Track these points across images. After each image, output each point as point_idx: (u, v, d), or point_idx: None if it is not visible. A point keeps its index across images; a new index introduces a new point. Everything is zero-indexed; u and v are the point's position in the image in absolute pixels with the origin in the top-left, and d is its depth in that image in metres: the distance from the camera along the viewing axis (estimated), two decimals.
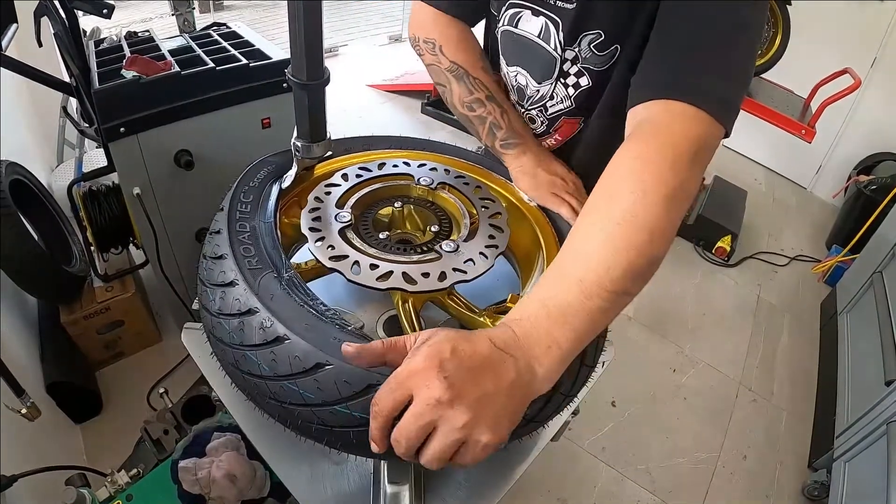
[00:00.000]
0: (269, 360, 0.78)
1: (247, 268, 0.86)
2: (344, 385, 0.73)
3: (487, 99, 1.29)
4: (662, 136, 0.86)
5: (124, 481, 1.54)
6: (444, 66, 1.30)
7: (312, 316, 0.80)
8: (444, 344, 0.67)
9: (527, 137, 1.31)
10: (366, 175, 1.17)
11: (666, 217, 0.79)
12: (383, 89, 5.68)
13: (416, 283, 0.89)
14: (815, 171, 5.03)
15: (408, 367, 0.67)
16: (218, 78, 2.11)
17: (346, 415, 0.74)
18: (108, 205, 2.37)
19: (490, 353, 0.69)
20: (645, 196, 0.79)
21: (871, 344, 2.67)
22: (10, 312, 2.26)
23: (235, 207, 1.00)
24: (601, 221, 0.80)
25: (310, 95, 0.95)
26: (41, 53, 2.37)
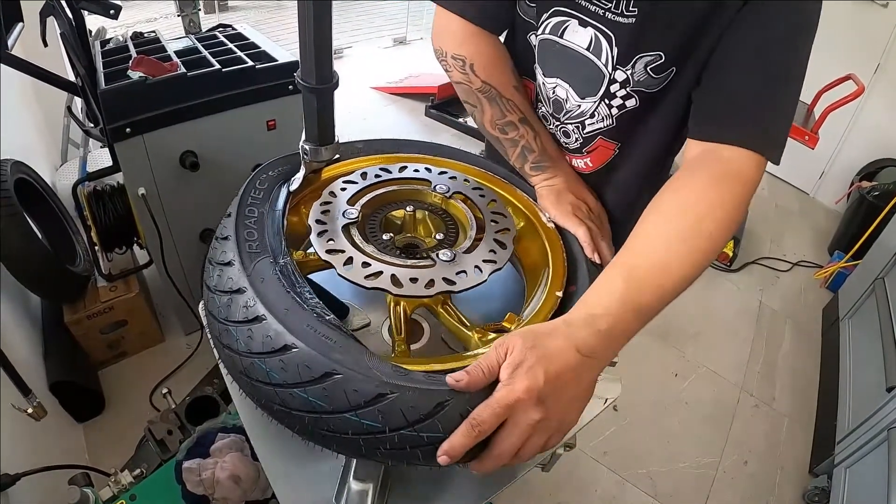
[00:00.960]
0: (246, 338, 0.81)
1: (245, 251, 0.90)
2: (304, 369, 0.75)
3: (520, 122, 1.25)
4: (746, 184, 0.95)
5: (128, 481, 1.54)
6: (476, 86, 1.23)
7: (294, 302, 0.82)
8: (538, 371, 0.73)
9: (559, 161, 1.27)
10: (385, 176, 1.17)
11: (721, 247, 0.92)
12: (387, 92, 5.70)
13: (402, 287, 0.90)
14: (817, 176, 5.02)
15: (511, 396, 0.72)
16: (224, 79, 2.12)
17: (304, 399, 0.76)
18: (112, 205, 2.38)
19: (576, 364, 0.76)
20: (722, 229, 0.90)
21: (872, 350, 2.67)
22: (13, 311, 2.26)
23: (249, 193, 1.03)
24: (686, 239, 0.89)
25: (319, 99, 0.95)
26: (46, 53, 2.37)
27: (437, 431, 0.73)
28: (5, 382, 1.65)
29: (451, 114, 5.19)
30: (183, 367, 2.69)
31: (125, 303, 2.54)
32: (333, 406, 0.75)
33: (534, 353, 0.74)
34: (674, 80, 1.08)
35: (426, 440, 0.74)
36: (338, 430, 0.76)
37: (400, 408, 0.73)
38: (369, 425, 0.74)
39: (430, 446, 0.74)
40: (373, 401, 0.73)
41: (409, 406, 0.73)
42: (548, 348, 0.75)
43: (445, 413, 0.73)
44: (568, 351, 0.76)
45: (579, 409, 0.79)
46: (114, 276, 2.55)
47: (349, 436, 0.76)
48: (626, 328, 0.83)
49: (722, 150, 0.98)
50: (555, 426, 0.76)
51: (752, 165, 0.96)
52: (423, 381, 0.75)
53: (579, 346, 0.77)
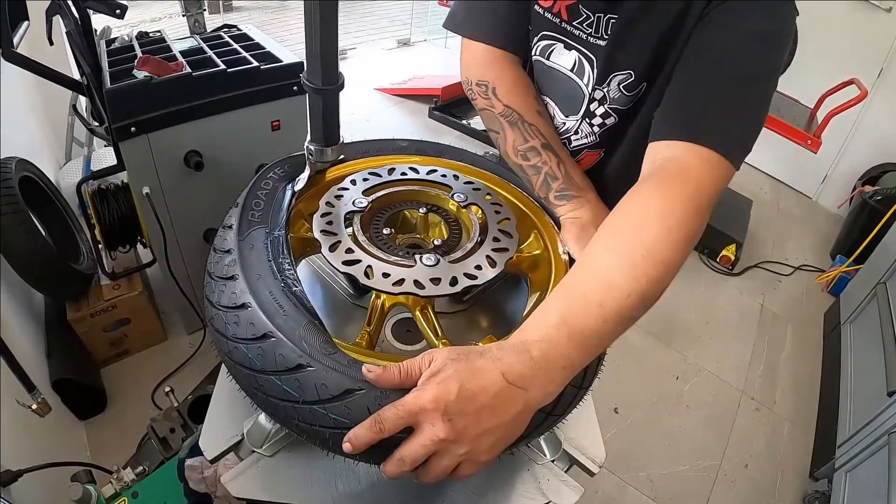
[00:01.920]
0: (219, 292, 0.89)
1: (247, 218, 0.98)
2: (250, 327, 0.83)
3: (543, 147, 1.19)
4: (692, 182, 0.89)
5: (130, 479, 1.55)
6: (498, 110, 1.21)
7: (269, 270, 0.89)
8: (451, 384, 0.70)
9: (586, 190, 1.19)
10: (411, 175, 1.18)
11: (681, 255, 0.84)
12: (391, 93, 5.70)
13: (370, 279, 0.91)
14: (820, 181, 5.02)
15: (416, 403, 0.71)
16: (229, 80, 2.12)
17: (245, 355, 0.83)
18: (116, 203, 2.39)
19: (499, 391, 0.72)
20: (669, 234, 0.83)
21: (873, 354, 2.67)
22: (17, 308, 2.27)
23: (265, 175, 1.10)
24: (625, 251, 0.84)
25: (324, 100, 0.96)
26: (51, 51, 2.38)
27: (343, 416, 0.76)
28: (8, 379, 1.66)
29: (454, 115, 5.18)
30: (185, 366, 2.69)
31: (128, 301, 2.54)
32: (264, 366, 0.80)
33: (453, 366, 0.72)
34: (645, 93, 1.11)
35: (332, 422, 0.77)
36: (266, 391, 0.82)
37: (314, 382, 0.77)
38: (286, 391, 0.79)
39: (336, 430, 0.76)
40: (293, 369, 0.78)
41: (322, 383, 0.77)
42: (471, 365, 0.73)
43: (354, 400, 0.75)
44: (492, 373, 0.73)
45: (495, 446, 0.75)
46: (117, 274, 2.55)
47: (273, 398, 0.81)
48: (564, 355, 0.77)
49: (664, 150, 0.96)
50: (464, 452, 0.72)
51: (698, 162, 0.91)
52: (343, 364, 0.78)
53: (505, 372, 0.73)
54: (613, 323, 0.80)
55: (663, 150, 0.96)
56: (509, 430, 0.75)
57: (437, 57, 6.77)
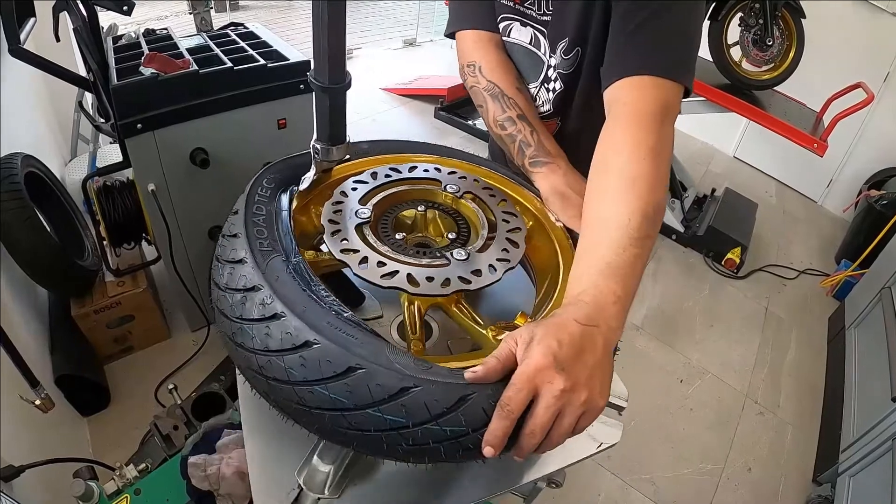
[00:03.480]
0: (265, 334, 0.80)
1: (258, 249, 0.89)
2: (326, 365, 0.75)
3: (518, 118, 1.31)
4: (630, 106, 1.02)
5: (133, 475, 1.55)
6: (482, 86, 1.35)
7: (311, 301, 0.82)
8: (549, 340, 0.75)
9: (557, 157, 1.29)
10: (395, 176, 1.18)
11: (654, 168, 0.94)
12: (397, 93, 5.71)
13: (418, 286, 0.90)
14: (825, 184, 5.02)
15: (529, 367, 0.73)
16: (236, 77, 2.12)
17: (325, 396, 0.76)
18: (121, 200, 2.38)
19: (582, 333, 0.78)
20: (630, 157, 0.95)
21: (878, 359, 2.66)
22: (21, 304, 2.27)
23: (253, 199, 1.03)
24: (604, 187, 0.96)
25: (331, 99, 0.95)
26: (57, 48, 2.38)
27: (459, 425, 0.74)
28: (11, 374, 1.66)
29: (460, 116, 5.20)
30: (189, 363, 2.70)
31: (132, 298, 2.55)
32: (356, 402, 0.75)
33: (540, 329, 0.77)
34: (582, 58, 1.25)
35: (449, 434, 0.74)
36: (359, 426, 0.76)
37: (424, 401, 0.73)
38: (392, 420, 0.74)
39: (452, 441, 0.75)
40: (396, 395, 0.73)
41: (433, 399, 0.73)
42: (551, 324, 0.78)
43: (469, 406, 0.73)
44: (569, 321, 0.78)
45: (604, 385, 0.79)
46: (122, 271, 2.55)
47: (371, 433, 0.76)
48: (609, 291, 0.84)
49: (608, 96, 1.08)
50: (584, 399, 0.75)
51: (633, 91, 1.04)
52: (446, 374, 0.76)
53: (577, 318, 0.79)
54: (631, 247, 0.88)
55: (609, 94, 1.09)
56: (606, 367, 0.80)
57: (443, 57, 6.77)
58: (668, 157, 0.98)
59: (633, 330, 3.33)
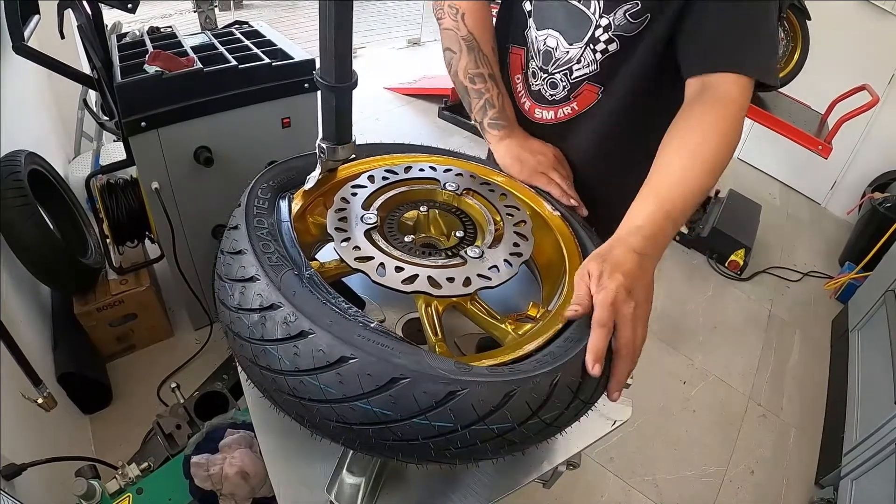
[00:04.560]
0: (294, 354, 0.77)
1: (267, 264, 0.86)
2: (366, 379, 0.73)
3: (489, 76, 1.39)
4: (736, 104, 1.10)
5: (135, 474, 1.55)
6: (462, 33, 1.39)
7: (335, 314, 0.79)
8: (616, 273, 0.88)
9: (513, 123, 1.42)
10: (392, 178, 1.17)
11: (727, 159, 1.08)
12: (401, 92, 5.71)
13: (440, 288, 0.89)
14: (829, 187, 5.00)
15: (609, 296, 0.86)
16: (240, 76, 2.12)
17: (367, 410, 0.74)
18: (125, 198, 2.39)
19: (638, 262, 0.91)
20: (725, 146, 1.07)
21: (881, 362, 2.66)
22: (24, 302, 2.27)
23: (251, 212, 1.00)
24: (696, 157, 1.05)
25: (337, 98, 0.95)
26: (61, 45, 2.38)
27: (506, 421, 0.75)
28: (13, 372, 1.66)
29: (464, 116, 5.15)
30: (191, 362, 2.70)
31: (135, 296, 2.55)
32: (401, 413, 0.73)
33: (608, 264, 0.90)
34: (648, 25, 1.21)
35: (497, 432, 0.75)
36: (406, 437, 0.75)
37: (471, 403, 0.73)
38: (440, 426, 0.73)
39: (499, 438, 0.76)
40: (443, 400, 0.72)
41: (480, 400, 0.73)
42: (615, 257, 0.91)
43: (513, 402, 0.75)
44: (629, 254, 0.92)
45: (651, 297, 0.92)
46: (125, 269, 2.55)
47: (418, 441, 0.75)
48: (663, 231, 0.98)
49: (710, 81, 1.13)
50: (644, 312, 0.89)
51: (737, 87, 1.11)
52: (487, 373, 0.76)
53: (635, 249, 0.93)
54: (688, 212, 1.02)
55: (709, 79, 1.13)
56: (651, 285, 0.94)
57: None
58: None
59: None
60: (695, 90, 1.15)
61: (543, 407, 0.77)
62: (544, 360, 0.82)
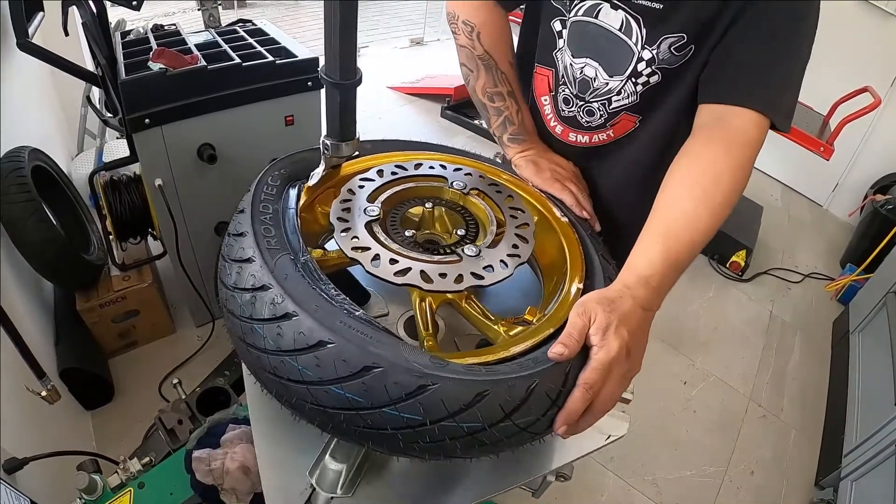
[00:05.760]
0: (276, 335, 0.80)
1: (265, 247, 0.90)
2: (341, 365, 0.75)
3: (508, 94, 1.39)
4: (751, 146, 1.07)
5: (136, 469, 1.55)
6: (478, 52, 1.37)
7: (322, 299, 0.82)
8: (622, 331, 0.84)
9: (534, 137, 1.43)
10: (401, 173, 1.18)
11: (734, 202, 1.04)
12: (403, 92, 5.71)
13: (431, 283, 0.90)
14: (831, 188, 5.00)
15: (609, 356, 0.82)
16: (244, 74, 2.13)
17: (340, 395, 0.76)
18: (128, 195, 2.39)
19: (643, 320, 0.89)
20: (736, 188, 1.03)
21: (882, 364, 2.66)
22: (27, 297, 2.28)
23: (259, 198, 1.03)
24: (707, 199, 1.01)
25: (342, 95, 0.96)
26: (65, 42, 2.39)
27: (476, 421, 0.74)
28: (14, 366, 1.66)
29: (466, 115, 5.18)
30: (193, 358, 2.70)
31: (138, 293, 2.55)
32: (372, 401, 0.75)
33: (615, 316, 0.85)
34: (693, 55, 1.18)
35: (466, 430, 0.75)
36: (376, 425, 0.76)
37: (441, 399, 0.73)
38: (409, 418, 0.74)
39: (469, 437, 0.75)
40: (414, 393, 0.73)
41: (451, 397, 0.73)
42: (623, 310, 0.87)
43: (485, 402, 0.74)
44: (637, 309, 0.88)
45: (643, 355, 0.91)
46: (127, 265, 2.56)
47: (387, 431, 0.76)
48: (669, 281, 0.95)
49: (729, 113, 1.09)
50: (634, 373, 0.88)
51: (756, 128, 1.07)
52: (462, 371, 0.76)
53: (642, 304, 0.90)
54: (694, 253, 0.99)
55: (725, 111, 1.10)
56: (646, 341, 0.92)
57: (450, 57, 6.72)
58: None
59: None
60: (708, 119, 1.12)
61: (517, 411, 0.76)
62: (525, 364, 0.81)
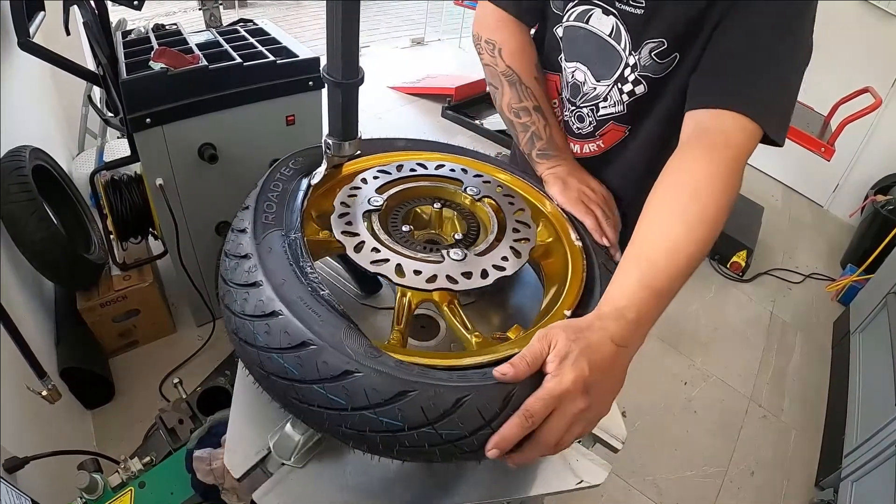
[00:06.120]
0: (243, 299, 0.85)
1: (261, 221, 0.95)
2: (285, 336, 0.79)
3: (534, 109, 1.33)
4: (733, 149, 0.99)
5: (137, 468, 1.55)
6: (500, 69, 1.34)
7: (293, 274, 0.86)
8: (582, 363, 0.77)
9: (565, 152, 1.35)
10: (420, 171, 1.19)
11: (725, 217, 0.95)
12: (404, 91, 5.71)
13: (403, 277, 0.91)
14: (832, 189, 5.00)
15: (560, 387, 0.76)
16: (245, 73, 2.13)
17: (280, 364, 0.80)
18: (129, 194, 2.39)
19: (614, 356, 0.81)
20: (718, 199, 0.94)
21: (882, 365, 2.66)
22: (27, 296, 2.28)
23: (274, 176, 1.07)
24: (685, 216, 0.93)
25: (344, 94, 0.96)
26: (66, 42, 2.39)
27: (395, 419, 0.75)
28: (15, 366, 1.66)
29: (467, 115, 5.18)
30: (193, 358, 2.70)
31: (139, 292, 2.55)
32: (303, 375, 0.78)
33: (577, 346, 0.78)
34: (678, 65, 1.15)
35: (384, 426, 0.75)
36: (305, 400, 0.79)
37: (364, 388, 0.75)
38: (334, 400, 0.76)
39: (386, 434, 0.76)
40: (339, 377, 0.76)
41: (372, 388, 0.75)
42: (589, 340, 0.79)
43: (407, 402, 0.74)
44: (605, 343, 0.80)
45: (614, 398, 0.84)
46: (128, 265, 2.56)
47: (315, 407, 0.79)
48: (649, 314, 0.86)
49: (708, 118, 1.03)
50: (593, 415, 0.80)
51: (737, 129, 1.00)
52: (391, 366, 0.76)
53: (614, 338, 0.81)
54: (679, 280, 0.90)
55: (705, 116, 1.04)
56: (620, 382, 0.84)
57: (451, 56, 6.78)
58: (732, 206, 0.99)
59: None
60: (690, 129, 1.06)
61: (442, 420, 0.75)
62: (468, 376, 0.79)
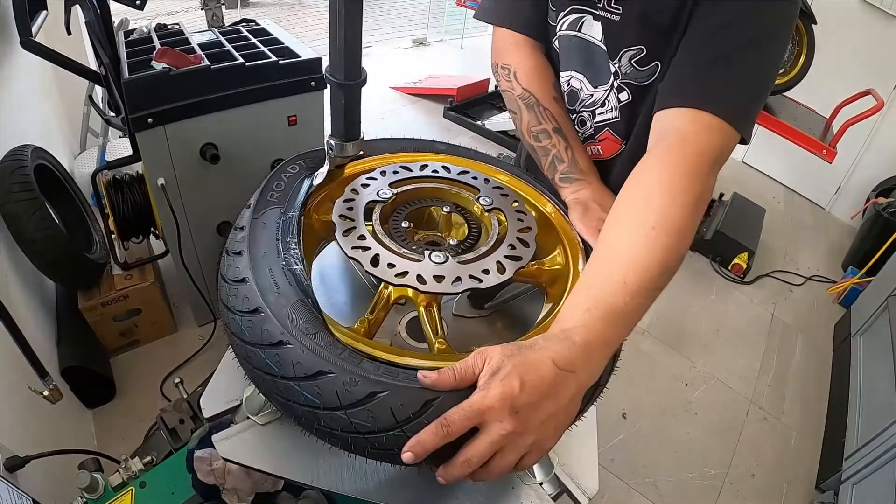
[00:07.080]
0: (227, 265, 0.91)
1: (265, 198, 1.00)
2: (245, 301, 0.85)
3: (554, 131, 1.26)
4: (690, 146, 0.93)
5: (138, 468, 1.55)
6: (517, 93, 1.29)
7: (274, 247, 0.91)
8: (513, 380, 0.72)
9: (589, 175, 1.25)
10: (442, 173, 1.18)
11: (691, 220, 0.88)
12: (406, 92, 5.72)
13: (376, 267, 0.91)
14: (833, 191, 5.00)
15: (484, 402, 0.72)
16: (247, 74, 2.13)
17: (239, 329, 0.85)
18: (131, 194, 2.40)
19: (554, 378, 0.75)
20: (674, 202, 0.87)
21: (883, 367, 2.66)
22: (29, 296, 2.28)
23: (295, 160, 1.12)
24: (637, 226, 0.87)
25: (346, 95, 0.96)
26: (68, 41, 2.39)
27: (313, 395, 0.77)
28: (16, 365, 1.66)
29: (469, 116, 5.20)
30: (195, 357, 2.71)
31: (140, 291, 2.55)
32: (252, 339, 0.82)
33: (511, 362, 0.74)
34: (661, 74, 1.13)
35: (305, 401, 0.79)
36: (253, 364, 0.84)
37: (291, 360, 0.78)
38: (268, 366, 0.80)
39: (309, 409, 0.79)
40: (275, 345, 0.80)
41: (297, 362, 0.78)
42: (525, 358, 0.75)
43: (326, 381, 0.76)
44: (545, 363, 0.75)
45: (558, 430, 0.78)
46: (129, 264, 2.56)
47: (258, 371, 0.83)
48: (602, 337, 0.81)
49: (666, 119, 1.00)
50: (530, 443, 0.74)
51: (696, 126, 0.95)
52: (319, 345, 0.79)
53: (556, 360, 0.76)
54: (640, 297, 0.84)
55: (664, 119, 1.00)
56: (567, 412, 0.78)
57: (453, 57, 6.79)
58: (704, 208, 0.92)
59: (638, 333, 3.33)
60: (652, 138, 1.02)
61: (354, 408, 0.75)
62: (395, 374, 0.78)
